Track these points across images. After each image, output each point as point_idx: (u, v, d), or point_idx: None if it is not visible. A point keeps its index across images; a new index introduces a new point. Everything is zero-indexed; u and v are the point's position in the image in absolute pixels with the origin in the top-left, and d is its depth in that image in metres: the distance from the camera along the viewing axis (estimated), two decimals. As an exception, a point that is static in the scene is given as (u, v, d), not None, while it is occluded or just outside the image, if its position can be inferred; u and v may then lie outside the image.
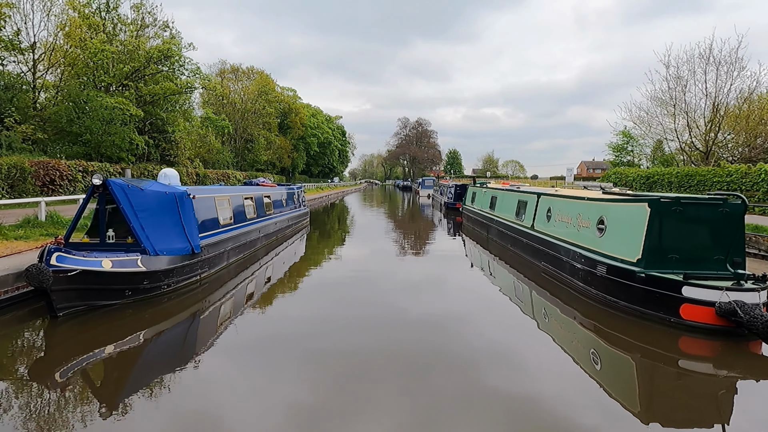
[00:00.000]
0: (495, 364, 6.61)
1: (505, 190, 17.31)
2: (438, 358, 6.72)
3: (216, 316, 8.65)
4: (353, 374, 6.12)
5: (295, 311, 9.28)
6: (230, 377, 6.04)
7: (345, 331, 7.95)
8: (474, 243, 18.81)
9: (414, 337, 7.65)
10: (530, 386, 5.92)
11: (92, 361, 6.49)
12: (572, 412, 5.24)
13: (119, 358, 6.67)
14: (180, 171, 34.86)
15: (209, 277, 10.70)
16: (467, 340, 7.56)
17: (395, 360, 6.62)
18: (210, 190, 11.84)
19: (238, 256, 12.85)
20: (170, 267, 9.01)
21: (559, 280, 10.76)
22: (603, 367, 6.56)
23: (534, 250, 12.57)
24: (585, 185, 13.38)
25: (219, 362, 6.55)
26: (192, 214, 10.05)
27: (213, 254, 10.87)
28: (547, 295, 10.17)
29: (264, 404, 5.39)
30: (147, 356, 6.81)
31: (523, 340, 7.82)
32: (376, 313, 9.00)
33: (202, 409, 5.22)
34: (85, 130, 25.29)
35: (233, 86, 60.06)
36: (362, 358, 6.70)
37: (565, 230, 10.78)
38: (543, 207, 12.67)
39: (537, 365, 6.63)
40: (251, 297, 10.18)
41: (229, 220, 12.50)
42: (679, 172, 26.98)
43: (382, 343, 7.38)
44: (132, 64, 29.39)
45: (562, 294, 10.00)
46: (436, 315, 8.95)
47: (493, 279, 12.63)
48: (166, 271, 8.90)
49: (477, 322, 8.66)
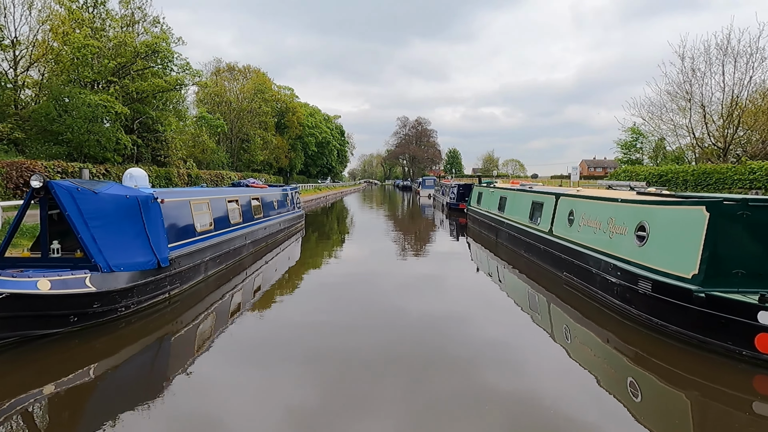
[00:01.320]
0: (514, 398, 5.36)
1: (516, 190, 15.86)
2: (441, 367, 6.24)
3: (187, 340, 7.29)
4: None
5: (283, 329, 7.93)
6: (206, 414, 4.97)
7: (344, 346, 6.61)
8: (480, 246, 17.41)
9: (416, 343, 7.17)
10: (554, 413, 4.93)
11: (25, 405, 5.12)
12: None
13: (61, 401, 5.33)
14: (171, 172, 33.44)
15: (182, 293, 9.24)
16: (474, 351, 6.89)
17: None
18: (184, 193, 10.39)
19: (219, 266, 11.40)
20: (129, 285, 7.56)
21: (586, 294, 9.31)
22: (646, 402, 5.30)
23: (554, 259, 11.12)
24: (610, 184, 11.90)
25: (190, 398, 5.39)
26: (159, 220, 8.60)
27: (186, 266, 9.42)
28: (572, 311, 8.75)
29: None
30: (98, 396, 5.46)
31: (543, 362, 6.62)
32: (377, 325, 7.95)
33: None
34: (66, 129, 23.82)
35: (229, 85, 58.60)
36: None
37: (593, 237, 9.33)
38: (563, 209, 11.22)
39: (564, 395, 5.50)
40: (233, 313, 8.79)
41: (209, 227, 11.05)
42: (695, 169, 25.55)
43: (386, 353, 6.70)
44: (118, 59, 27.92)
45: (590, 311, 8.57)
46: (441, 320, 8.22)
47: (504, 287, 11.33)
48: (123, 290, 7.44)
49: (487, 333, 7.80)
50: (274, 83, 67.17)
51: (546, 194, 12.72)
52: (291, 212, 20.33)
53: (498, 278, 12.20)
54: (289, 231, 19.74)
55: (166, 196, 9.30)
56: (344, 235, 21.92)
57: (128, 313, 7.67)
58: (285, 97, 70.08)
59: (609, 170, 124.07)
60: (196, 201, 10.54)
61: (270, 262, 13.97)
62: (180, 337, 7.46)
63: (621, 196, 8.88)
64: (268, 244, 16.02)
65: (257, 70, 62.70)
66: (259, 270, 12.78)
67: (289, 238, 18.67)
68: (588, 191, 10.92)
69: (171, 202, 9.36)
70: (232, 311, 8.98)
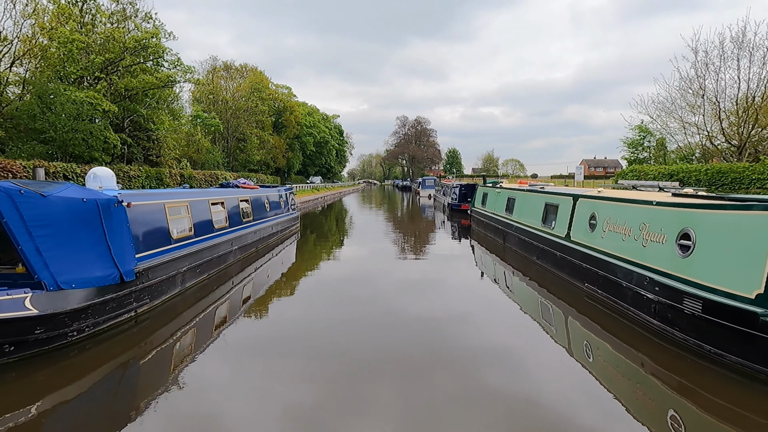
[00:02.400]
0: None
1: (526, 190, 14.71)
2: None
3: (155, 365, 6.24)
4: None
5: (271, 345, 6.90)
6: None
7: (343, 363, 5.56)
8: (485, 250, 16.33)
9: (420, 354, 6.69)
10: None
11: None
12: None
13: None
14: (162, 172, 32.23)
15: (152, 310, 8.08)
16: (482, 362, 6.46)
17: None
18: (158, 195, 9.23)
19: (200, 277, 10.25)
20: (83, 305, 6.41)
21: (613, 309, 8.17)
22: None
23: (572, 268, 9.98)
24: (633, 184, 10.75)
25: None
26: (125, 227, 7.45)
27: (158, 279, 8.27)
28: (596, 327, 7.67)
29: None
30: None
31: (564, 382, 5.81)
32: (378, 335, 7.04)
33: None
34: (50, 127, 22.64)
35: (225, 84, 57.41)
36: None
37: (621, 244, 8.18)
38: (583, 212, 10.08)
39: (595, 426, 4.80)
40: (213, 330, 7.70)
41: (188, 232, 9.90)
42: (708, 168, 24.40)
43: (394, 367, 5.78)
44: (106, 54, 26.74)
45: (619, 329, 7.44)
46: (445, 328, 7.69)
47: (514, 296, 10.33)
48: (75, 311, 6.30)
49: (497, 344, 7.15)
50: (271, 82, 66.01)
51: (561, 195, 11.58)
52: (285, 214, 19.18)
53: (507, 286, 11.14)
54: (283, 234, 18.59)
55: (136, 199, 8.16)
56: (342, 238, 20.76)
57: (82, 337, 6.52)
58: (282, 96, 68.89)
59: (610, 170, 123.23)
60: (172, 204, 9.38)
61: (260, 268, 12.87)
62: (146, 363, 6.35)
63: (656, 198, 7.74)
64: (258, 250, 14.86)
65: (254, 68, 61.55)
66: (247, 278, 11.67)
67: (283, 242, 17.53)
68: (611, 192, 9.78)
69: (140, 206, 8.20)
70: (212, 327, 7.90)
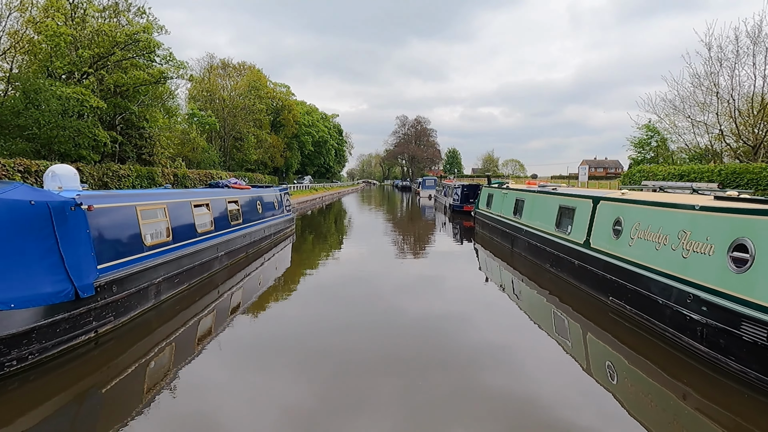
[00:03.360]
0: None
1: (536, 192, 13.69)
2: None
3: (117, 396, 5.26)
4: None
5: (262, 367, 5.85)
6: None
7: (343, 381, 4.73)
8: (490, 254, 15.43)
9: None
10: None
11: None
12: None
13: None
14: (154, 171, 31.15)
15: (117, 329, 7.05)
16: (493, 378, 6.00)
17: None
18: (129, 196, 8.17)
19: (179, 287, 9.21)
20: (26, 328, 5.39)
21: (645, 329, 7.15)
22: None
23: (593, 279, 8.96)
24: (659, 186, 9.71)
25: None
26: (83, 234, 6.43)
27: (126, 292, 7.24)
28: (624, 349, 6.72)
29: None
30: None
31: (591, 418, 4.98)
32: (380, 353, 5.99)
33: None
34: (34, 123, 21.59)
35: (222, 82, 56.34)
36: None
37: (655, 254, 7.16)
38: (605, 217, 9.06)
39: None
40: (190, 349, 6.71)
41: (165, 238, 8.88)
42: (722, 169, 23.41)
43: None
44: (94, 48, 25.69)
45: (655, 353, 6.45)
46: (451, 343, 6.77)
47: (526, 306, 9.45)
48: (14, 336, 5.27)
49: (511, 362, 6.42)
50: (269, 80, 64.97)
51: (579, 197, 10.56)
52: (279, 216, 18.15)
53: (516, 295, 10.20)
54: (276, 238, 17.56)
55: (100, 201, 7.13)
56: (339, 241, 19.72)
57: (24, 367, 5.49)
58: (281, 95, 67.81)
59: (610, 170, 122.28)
60: (145, 206, 8.35)
61: (251, 275, 11.90)
62: (107, 392, 5.39)
63: (699, 202, 6.72)
64: (248, 255, 13.84)
65: (252, 66, 60.55)
66: (235, 286, 10.71)
67: (276, 246, 16.50)
68: (638, 195, 8.75)
69: (105, 209, 7.17)
70: (191, 343, 6.96)
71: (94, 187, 22.91)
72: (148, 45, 27.02)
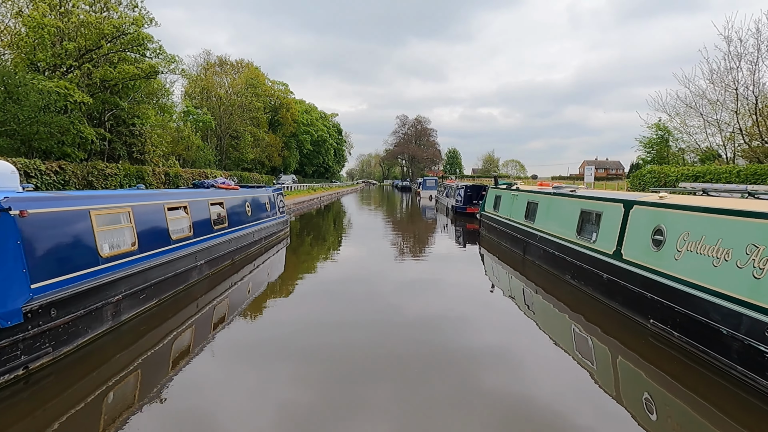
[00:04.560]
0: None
1: (551, 194, 12.42)
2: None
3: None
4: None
5: (245, 400, 4.64)
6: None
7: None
8: (496, 260, 14.31)
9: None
10: None
11: None
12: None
13: None
14: (144, 170, 29.84)
15: (57, 361, 5.77)
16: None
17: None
18: (82, 199, 6.87)
19: (146, 303, 7.94)
20: None
21: (702, 363, 5.89)
22: None
23: (628, 296, 7.70)
24: (704, 188, 8.43)
25: None
26: (13, 245, 5.17)
27: (72, 315, 5.96)
28: (676, 387, 5.48)
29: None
30: None
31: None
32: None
33: None
34: (11, 119, 20.30)
35: (219, 79, 55.02)
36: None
37: (713, 272, 5.90)
38: (642, 224, 7.80)
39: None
40: (160, 376, 5.48)
41: (129, 247, 7.61)
42: (741, 170, 22.15)
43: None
44: (79, 40, 24.41)
45: (718, 395, 5.21)
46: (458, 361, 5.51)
47: (539, 318, 8.24)
48: None
49: (531, 390, 4.97)
50: (267, 78, 63.67)
51: (606, 201, 9.29)
52: (271, 218, 16.89)
53: (530, 307, 9.02)
54: (268, 242, 16.30)
55: (41, 205, 5.86)
56: (338, 242, 18.44)
57: None
58: (278, 93, 66.52)
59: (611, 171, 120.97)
60: (103, 211, 7.07)
61: (237, 284, 10.68)
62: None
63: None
64: (234, 262, 12.57)
65: (249, 63, 59.26)
66: (217, 298, 9.49)
67: (268, 251, 15.24)
68: (683, 199, 7.47)
69: (46, 215, 5.90)
70: (160, 372, 5.71)
71: (79, 186, 21.65)
72: (137, 38, 25.72)
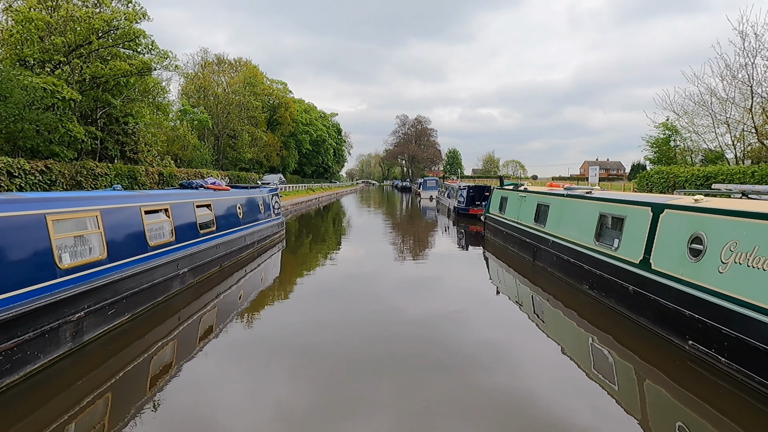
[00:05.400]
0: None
1: (564, 195, 11.55)
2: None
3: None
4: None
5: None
6: None
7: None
8: (502, 264, 13.51)
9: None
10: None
11: None
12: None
13: None
14: (136, 170, 28.95)
15: (1, 393, 4.91)
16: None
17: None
18: (37, 202, 5.98)
19: (116, 319, 7.05)
20: None
21: (757, 397, 5.02)
22: None
23: (660, 312, 6.82)
24: (743, 190, 7.55)
25: None
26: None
27: (17, 339, 5.07)
28: (720, 419, 4.63)
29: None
30: None
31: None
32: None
33: None
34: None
35: (216, 78, 54.16)
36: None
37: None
38: (675, 230, 6.92)
39: None
40: (129, 403, 4.56)
41: (97, 256, 6.73)
42: (755, 170, 21.29)
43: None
44: (68, 35, 23.54)
45: None
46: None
47: (555, 333, 7.22)
48: None
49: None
50: (266, 77, 62.81)
51: (628, 204, 8.41)
52: (265, 221, 16.01)
53: (543, 319, 8.13)
54: (261, 246, 15.42)
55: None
56: (335, 247, 17.56)
57: None
58: (277, 92, 65.65)
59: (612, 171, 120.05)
60: (63, 216, 6.18)
61: (225, 293, 9.83)
62: None
63: None
64: (223, 268, 11.69)
65: (248, 62, 58.42)
66: (201, 310, 8.64)
67: (260, 255, 14.37)
68: (724, 203, 6.60)
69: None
70: (127, 395, 4.83)
71: (66, 187, 20.79)
72: (128, 33, 24.84)
